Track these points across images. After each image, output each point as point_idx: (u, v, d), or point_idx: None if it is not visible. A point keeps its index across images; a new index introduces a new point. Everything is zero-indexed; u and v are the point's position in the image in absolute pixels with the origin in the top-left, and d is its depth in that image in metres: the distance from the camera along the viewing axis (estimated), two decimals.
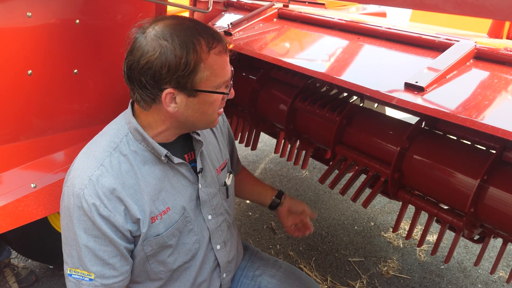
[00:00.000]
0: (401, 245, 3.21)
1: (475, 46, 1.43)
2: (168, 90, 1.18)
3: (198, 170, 1.43)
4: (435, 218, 1.81)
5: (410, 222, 1.97)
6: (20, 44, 1.61)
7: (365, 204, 1.96)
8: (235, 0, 2.59)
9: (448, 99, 1.28)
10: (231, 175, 1.65)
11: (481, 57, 1.43)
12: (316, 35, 1.99)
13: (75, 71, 1.85)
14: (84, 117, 1.98)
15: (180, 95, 1.21)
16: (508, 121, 1.12)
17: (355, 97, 2.34)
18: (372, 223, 3.48)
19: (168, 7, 2.34)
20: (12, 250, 2.50)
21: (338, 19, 1.98)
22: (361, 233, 3.35)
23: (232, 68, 1.30)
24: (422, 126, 1.82)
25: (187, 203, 1.40)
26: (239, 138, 2.68)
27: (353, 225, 3.46)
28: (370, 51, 1.73)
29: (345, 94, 2.28)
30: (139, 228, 1.29)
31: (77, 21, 1.78)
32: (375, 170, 1.92)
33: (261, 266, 1.74)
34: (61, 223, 1.29)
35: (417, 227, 3.33)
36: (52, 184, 1.81)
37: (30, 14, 1.60)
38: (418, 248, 3.17)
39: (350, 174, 2.10)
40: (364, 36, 1.83)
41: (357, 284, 2.79)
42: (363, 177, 2.03)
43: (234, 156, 1.85)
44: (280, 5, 2.34)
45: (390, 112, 2.95)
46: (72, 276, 1.29)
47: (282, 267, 1.74)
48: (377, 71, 1.58)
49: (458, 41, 1.49)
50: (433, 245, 1.90)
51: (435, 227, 3.24)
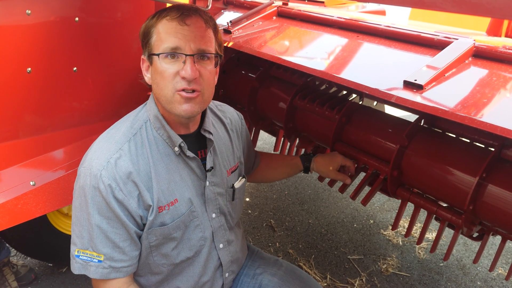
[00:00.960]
0: (401, 243, 3.22)
1: (474, 44, 1.43)
2: (143, 56, 1.32)
3: (207, 168, 1.45)
4: (434, 215, 1.81)
5: (409, 219, 1.97)
6: (19, 41, 1.61)
7: (365, 202, 1.96)
8: None
9: (447, 97, 1.28)
10: (243, 180, 1.66)
11: (479, 55, 1.43)
12: (316, 33, 1.99)
13: (75, 69, 1.85)
14: (83, 114, 1.99)
15: (147, 64, 1.31)
16: (506, 118, 1.13)
17: (354, 95, 2.34)
18: (372, 221, 3.49)
19: (167, 5, 2.34)
20: (11, 248, 2.50)
21: (338, 17, 1.98)
22: (360, 231, 3.36)
23: (182, 41, 1.23)
24: (421, 124, 1.83)
25: (194, 197, 1.42)
26: None
27: (353, 223, 3.46)
28: (369, 49, 1.73)
29: (345, 92, 2.29)
30: (148, 215, 1.32)
31: (77, 19, 1.78)
32: (374, 168, 1.93)
33: (262, 265, 1.75)
34: (74, 204, 1.31)
35: (416, 224, 3.33)
36: (51, 182, 1.81)
37: (29, 11, 1.60)
38: (417, 246, 3.17)
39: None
40: (363, 34, 1.83)
41: (357, 282, 2.79)
42: (362, 175, 2.04)
43: (251, 159, 1.87)
44: (279, 3, 2.34)
45: (389, 110, 2.96)
46: (80, 257, 1.30)
47: (283, 266, 1.74)
48: (376, 69, 1.58)
49: (457, 39, 1.49)
50: (432, 243, 1.90)
51: (435, 224, 3.25)
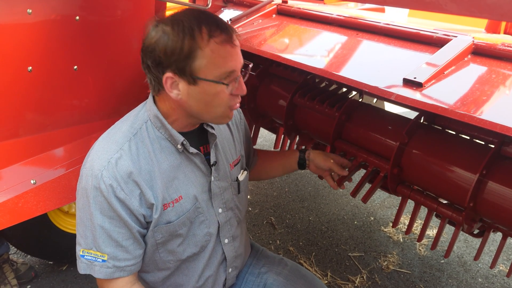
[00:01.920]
0: (401, 240, 3.22)
1: (473, 41, 1.43)
2: (168, 74, 1.22)
3: (211, 163, 1.46)
4: (435, 213, 1.82)
5: (410, 216, 1.97)
6: (20, 40, 1.62)
7: (365, 199, 1.97)
8: None
9: (446, 94, 1.28)
10: (245, 172, 1.66)
11: (478, 52, 1.43)
12: (315, 31, 1.99)
13: (75, 67, 1.85)
14: (83, 113, 1.99)
15: (181, 82, 1.23)
16: (506, 116, 1.13)
17: (354, 93, 2.34)
18: (372, 218, 3.49)
19: (168, 3, 2.34)
20: (11, 246, 2.51)
21: (337, 15, 1.98)
22: (361, 228, 3.36)
23: (244, 62, 1.29)
24: (421, 121, 1.83)
25: (199, 193, 1.43)
26: None
27: (353, 220, 3.47)
28: (369, 47, 1.73)
29: (344, 89, 2.29)
30: (152, 214, 1.32)
31: (77, 17, 1.78)
32: (374, 165, 1.93)
33: (267, 264, 1.75)
34: (77, 204, 1.33)
35: (417, 221, 3.34)
36: (52, 180, 1.82)
37: (30, 11, 1.61)
38: (418, 243, 3.18)
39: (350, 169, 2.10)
40: (362, 32, 1.83)
41: (357, 279, 2.80)
42: (362, 172, 2.04)
43: (251, 151, 1.86)
44: (279, 1, 2.34)
45: (389, 106, 2.96)
46: (85, 257, 1.32)
47: (288, 265, 1.74)
48: (375, 67, 1.58)
49: (456, 36, 1.49)
50: (433, 240, 1.91)
51: (435, 221, 3.25)
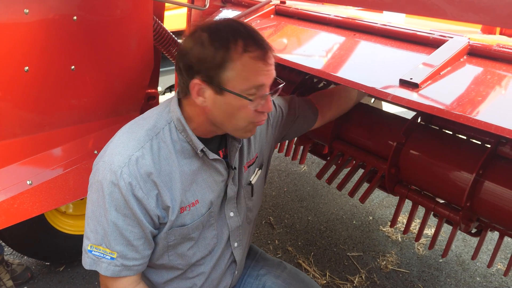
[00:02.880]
0: (400, 239, 3.23)
1: (469, 42, 1.44)
2: (196, 80, 1.22)
3: (233, 167, 1.44)
4: (432, 212, 1.82)
5: (408, 215, 1.98)
6: (17, 40, 1.61)
7: (362, 199, 1.97)
8: None
9: (442, 95, 1.29)
10: (259, 172, 1.62)
11: (474, 53, 1.44)
12: (313, 32, 2.00)
13: (72, 67, 1.85)
14: (81, 113, 1.99)
15: (208, 90, 1.23)
16: (500, 116, 1.13)
17: None
18: (371, 217, 3.50)
19: (166, 4, 2.34)
20: (7, 247, 2.48)
21: (335, 16, 1.98)
22: (359, 228, 3.37)
23: (278, 81, 1.28)
24: (418, 121, 1.83)
25: (215, 198, 1.42)
26: None
27: (352, 219, 3.47)
28: (366, 48, 1.73)
29: None
30: (167, 216, 1.31)
31: (75, 17, 1.78)
32: (372, 165, 1.94)
33: (266, 266, 1.75)
34: (90, 198, 1.30)
35: (415, 220, 3.34)
36: (49, 181, 1.81)
37: (27, 10, 1.60)
38: (416, 242, 3.18)
39: (348, 169, 2.11)
40: (360, 32, 1.83)
41: (356, 279, 2.80)
42: (360, 171, 2.05)
43: (307, 117, 1.79)
44: (277, 1, 2.34)
45: (387, 106, 2.96)
46: (93, 252, 1.29)
47: (286, 268, 1.74)
48: (372, 68, 1.59)
49: (452, 37, 1.50)
50: (431, 239, 1.91)
51: (434, 220, 3.25)
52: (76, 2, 1.78)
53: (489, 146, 1.61)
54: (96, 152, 2.03)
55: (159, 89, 2.92)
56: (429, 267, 2.96)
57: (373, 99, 2.60)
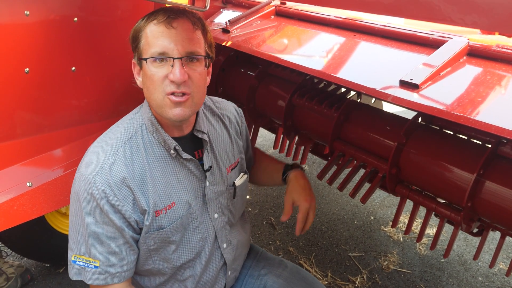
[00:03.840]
0: (401, 239, 3.22)
1: (468, 43, 1.44)
2: (133, 60, 1.31)
3: (206, 168, 1.44)
4: (434, 212, 1.82)
5: (409, 215, 1.98)
6: (17, 42, 1.62)
7: (364, 199, 1.97)
8: None
9: (442, 96, 1.29)
10: (245, 176, 1.63)
11: (474, 53, 1.44)
12: (313, 32, 2.00)
13: (73, 68, 1.86)
14: (81, 114, 1.99)
15: (137, 67, 1.31)
16: (501, 117, 1.13)
17: (352, 93, 2.34)
18: (372, 217, 3.50)
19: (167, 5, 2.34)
20: (7, 248, 2.45)
21: (335, 17, 1.98)
22: (361, 228, 3.37)
23: (170, 45, 1.22)
24: (419, 121, 1.83)
25: (192, 199, 1.42)
26: None
27: (353, 219, 3.47)
28: (366, 48, 1.73)
29: (343, 90, 2.29)
30: (144, 220, 1.31)
31: (75, 19, 1.79)
32: (373, 166, 1.94)
33: (267, 266, 1.74)
34: (70, 209, 1.32)
35: (416, 220, 3.34)
36: (48, 182, 1.81)
37: (28, 12, 1.61)
38: (418, 242, 3.18)
39: (349, 170, 2.11)
40: (360, 33, 1.83)
41: (358, 280, 2.80)
42: (361, 171, 2.05)
43: (249, 153, 1.82)
44: (277, 2, 2.35)
45: (387, 106, 2.96)
46: (77, 263, 1.30)
47: (287, 267, 1.74)
48: (372, 68, 1.59)
49: (451, 38, 1.50)
50: (433, 239, 1.91)
51: (435, 220, 3.25)
52: (76, 4, 1.78)
53: (489, 146, 1.60)
54: None
55: None
56: (431, 267, 2.96)
57: (373, 99, 2.60)
